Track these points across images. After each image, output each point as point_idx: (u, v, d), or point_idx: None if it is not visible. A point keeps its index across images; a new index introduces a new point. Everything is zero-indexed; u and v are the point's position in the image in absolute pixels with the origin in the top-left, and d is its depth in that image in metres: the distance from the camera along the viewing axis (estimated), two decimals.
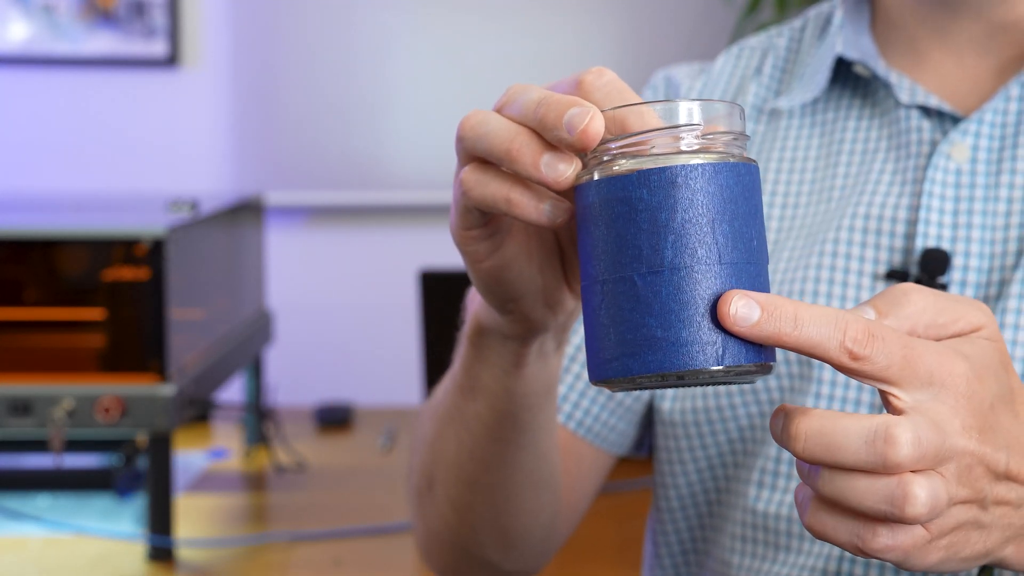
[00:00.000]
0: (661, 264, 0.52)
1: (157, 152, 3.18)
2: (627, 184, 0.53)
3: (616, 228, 0.53)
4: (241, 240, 1.90)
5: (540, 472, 0.80)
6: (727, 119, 0.54)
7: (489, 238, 0.61)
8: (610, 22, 3.21)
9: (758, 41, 0.95)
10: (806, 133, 0.89)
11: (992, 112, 0.82)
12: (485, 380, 0.72)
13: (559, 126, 0.53)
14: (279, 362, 3.02)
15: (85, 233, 1.46)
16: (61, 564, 1.43)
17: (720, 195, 0.52)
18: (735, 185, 0.53)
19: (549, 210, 0.56)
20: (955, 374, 0.54)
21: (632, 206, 0.52)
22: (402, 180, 3.21)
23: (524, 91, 0.57)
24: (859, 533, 0.54)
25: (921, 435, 0.53)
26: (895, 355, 0.53)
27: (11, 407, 1.42)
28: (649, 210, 0.52)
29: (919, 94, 0.83)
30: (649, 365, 0.52)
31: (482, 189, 0.57)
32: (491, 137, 0.56)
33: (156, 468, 1.45)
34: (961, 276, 0.79)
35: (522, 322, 0.66)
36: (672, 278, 0.52)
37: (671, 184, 0.52)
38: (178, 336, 1.47)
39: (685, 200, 0.52)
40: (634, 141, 0.53)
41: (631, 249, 0.52)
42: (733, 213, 0.52)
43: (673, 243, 0.52)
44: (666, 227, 0.52)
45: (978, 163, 0.81)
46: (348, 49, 3.17)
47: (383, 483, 1.77)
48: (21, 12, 3.07)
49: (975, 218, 0.80)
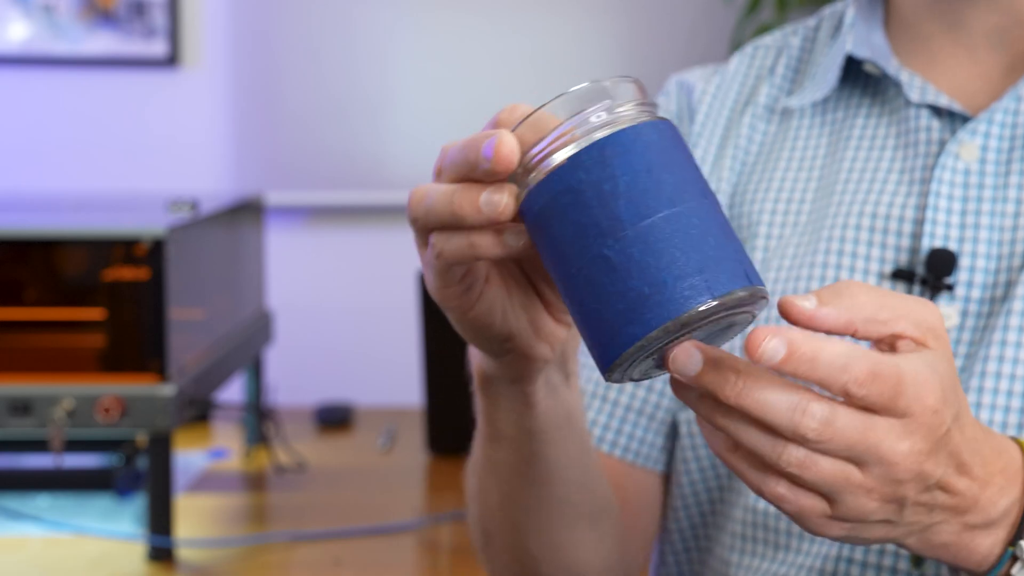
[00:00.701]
0: (623, 228, 0.53)
1: (157, 152, 3.18)
2: (563, 175, 0.55)
3: (570, 217, 0.55)
4: (241, 240, 1.90)
5: (586, 504, 0.81)
6: (628, 91, 0.57)
7: (468, 290, 0.63)
8: (610, 22, 3.21)
9: (773, 40, 0.95)
10: (815, 132, 0.89)
11: (1002, 112, 0.81)
12: (503, 426, 0.74)
13: (480, 159, 0.56)
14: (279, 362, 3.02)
15: (85, 233, 1.46)
16: (61, 564, 1.43)
17: (648, 150, 0.55)
18: (658, 140, 0.55)
19: (509, 239, 0.58)
20: (925, 406, 0.56)
21: (576, 190, 0.54)
22: (402, 180, 3.21)
23: (450, 147, 0.59)
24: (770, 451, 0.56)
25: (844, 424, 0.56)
26: (886, 394, 0.55)
27: (11, 407, 1.42)
28: (592, 187, 0.54)
29: (929, 93, 0.83)
30: (650, 323, 0.53)
31: (449, 247, 0.59)
32: (434, 207, 0.59)
33: (156, 468, 1.45)
34: (968, 277, 0.79)
35: (521, 362, 0.68)
36: (638, 236, 0.53)
37: (601, 156, 0.54)
38: (178, 336, 1.47)
39: (620, 164, 0.54)
40: (552, 139, 0.56)
41: (591, 228, 0.54)
42: (667, 162, 0.55)
43: (625, 206, 0.54)
44: (613, 194, 0.54)
45: (987, 163, 0.81)
46: (348, 49, 3.17)
47: (383, 483, 1.77)
48: (21, 12, 3.06)
49: (983, 218, 0.80)
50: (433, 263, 0.61)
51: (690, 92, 0.95)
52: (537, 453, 0.75)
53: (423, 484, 1.78)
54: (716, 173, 0.91)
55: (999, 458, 0.62)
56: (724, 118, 0.93)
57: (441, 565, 1.46)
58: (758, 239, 0.87)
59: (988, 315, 0.78)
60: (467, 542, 1.52)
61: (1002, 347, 0.76)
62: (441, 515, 1.61)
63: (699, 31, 3.21)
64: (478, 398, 0.75)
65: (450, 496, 1.70)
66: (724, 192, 0.90)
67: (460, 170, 0.58)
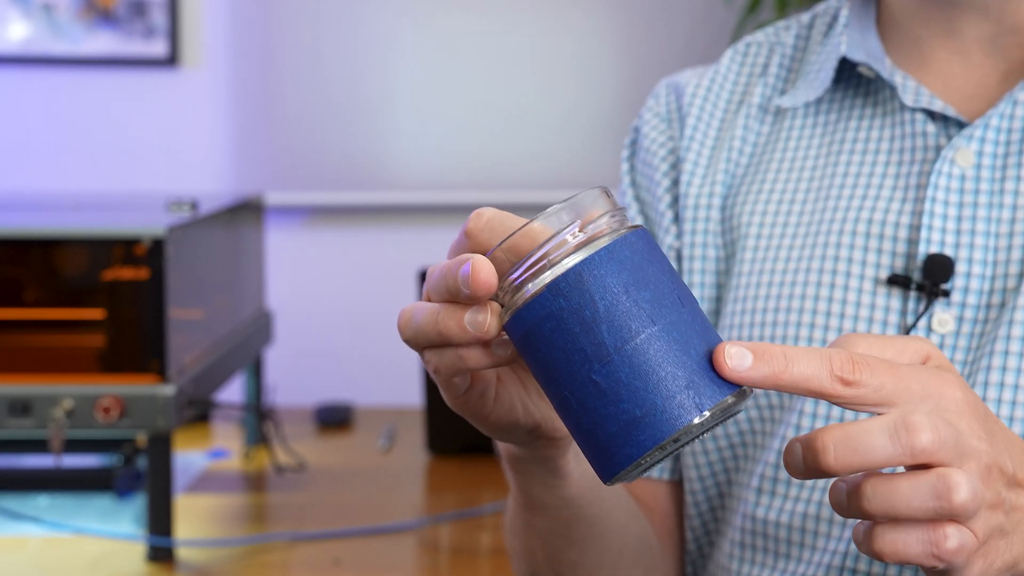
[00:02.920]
0: (608, 353, 0.55)
1: (157, 152, 3.18)
2: (544, 302, 0.55)
3: (555, 343, 0.56)
4: (241, 240, 1.90)
5: (630, 546, 0.83)
6: (597, 203, 0.57)
7: (482, 396, 0.64)
8: (610, 22, 3.20)
9: (765, 36, 0.94)
10: (808, 133, 0.88)
11: (998, 117, 0.80)
12: (540, 496, 0.74)
13: (459, 287, 0.57)
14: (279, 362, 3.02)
15: (85, 233, 1.46)
16: (61, 564, 1.43)
17: (625, 268, 0.55)
18: (633, 254, 0.56)
19: (498, 350, 0.59)
20: (947, 384, 0.56)
21: (558, 318, 0.55)
22: (402, 180, 3.21)
23: (431, 273, 0.60)
24: (930, 539, 0.55)
25: (937, 424, 0.54)
26: (885, 376, 0.54)
27: (11, 407, 1.42)
28: (574, 314, 0.55)
29: (924, 97, 0.82)
30: (644, 444, 0.54)
31: (442, 363, 0.60)
32: (422, 327, 0.60)
33: (156, 468, 1.45)
34: (964, 283, 0.79)
35: (548, 443, 0.68)
36: (623, 360, 0.54)
37: (579, 281, 0.55)
38: (178, 336, 1.47)
39: (599, 289, 0.55)
40: (529, 265, 0.56)
41: (576, 355, 0.55)
42: (644, 278, 0.55)
43: (608, 330, 0.54)
44: (594, 320, 0.55)
45: (983, 169, 0.80)
46: (348, 49, 3.17)
47: (383, 483, 1.76)
48: (21, 12, 3.06)
49: (979, 224, 0.79)
50: (435, 378, 0.63)
51: (680, 95, 0.94)
52: (576, 516, 0.76)
53: (423, 484, 1.78)
54: (710, 177, 0.90)
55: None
56: (717, 119, 0.92)
57: (441, 565, 1.46)
58: (748, 240, 0.87)
59: (985, 322, 0.78)
60: (467, 542, 1.52)
61: (1004, 357, 0.76)
62: (441, 515, 1.61)
63: (699, 31, 3.21)
64: (509, 473, 0.75)
65: (450, 496, 1.70)
66: (717, 195, 0.90)
67: (443, 295, 0.59)
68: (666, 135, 0.93)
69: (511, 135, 3.23)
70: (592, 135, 3.24)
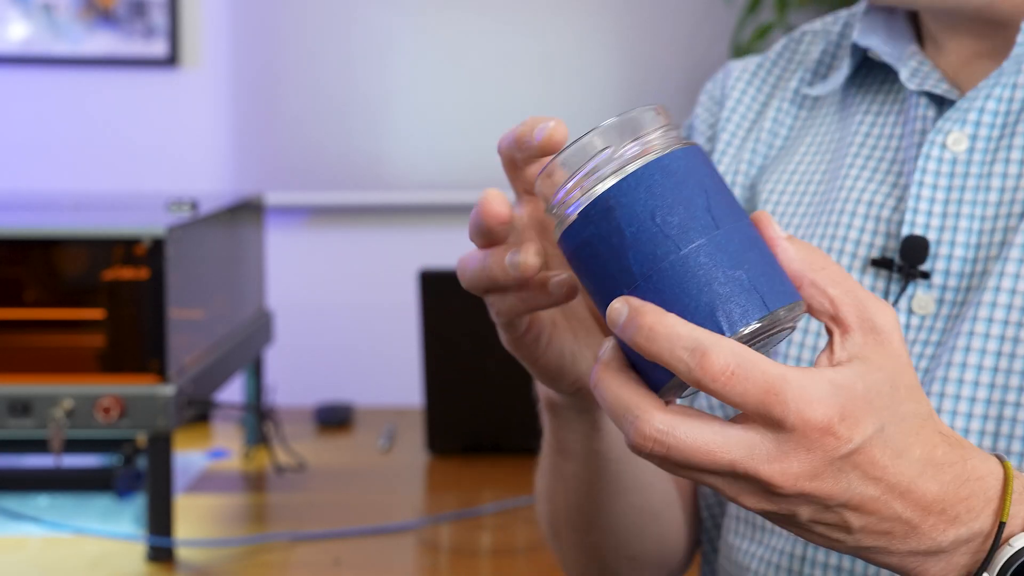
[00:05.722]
0: (634, 280, 0.55)
1: (157, 152, 3.18)
2: (578, 229, 0.56)
3: (591, 268, 0.56)
4: (241, 240, 1.90)
5: (651, 504, 0.84)
6: (646, 121, 0.57)
7: (536, 339, 0.66)
8: (610, 22, 3.20)
9: (821, 24, 0.97)
10: (829, 120, 0.90)
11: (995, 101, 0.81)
12: (571, 444, 0.76)
13: (479, 223, 0.61)
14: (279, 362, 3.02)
15: (85, 233, 1.46)
16: (61, 564, 1.43)
17: (652, 195, 0.55)
18: (662, 180, 0.55)
19: (555, 288, 0.62)
20: (809, 423, 0.53)
21: (590, 243, 0.56)
22: (402, 180, 3.21)
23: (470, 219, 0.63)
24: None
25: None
26: (751, 396, 0.52)
27: (11, 407, 1.42)
28: (603, 241, 0.56)
29: (919, 78, 0.83)
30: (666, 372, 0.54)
31: (503, 306, 0.63)
32: (474, 277, 0.63)
33: (156, 468, 1.45)
34: (945, 266, 0.79)
35: (588, 395, 0.70)
36: (649, 287, 0.54)
37: (606, 208, 0.55)
38: (178, 336, 1.47)
39: (624, 216, 0.55)
40: (564, 192, 0.57)
41: (608, 281, 0.56)
42: (673, 202, 0.55)
43: (634, 257, 0.55)
44: (621, 247, 0.55)
45: (975, 152, 0.81)
46: (348, 49, 3.17)
47: (383, 483, 1.76)
48: (21, 12, 3.06)
49: (964, 208, 0.80)
50: (496, 320, 0.65)
51: (727, 76, 0.96)
52: (604, 468, 0.77)
53: (423, 484, 1.78)
54: (738, 157, 0.92)
55: (963, 486, 0.57)
56: (758, 103, 0.94)
57: (441, 565, 1.46)
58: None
59: (963, 304, 0.79)
60: (467, 542, 1.52)
61: (969, 337, 0.76)
62: (441, 515, 1.61)
63: (699, 31, 3.21)
64: (546, 417, 0.77)
65: (450, 496, 1.70)
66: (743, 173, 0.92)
67: (475, 236, 0.62)
68: (710, 112, 0.97)
69: None
70: None
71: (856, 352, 0.55)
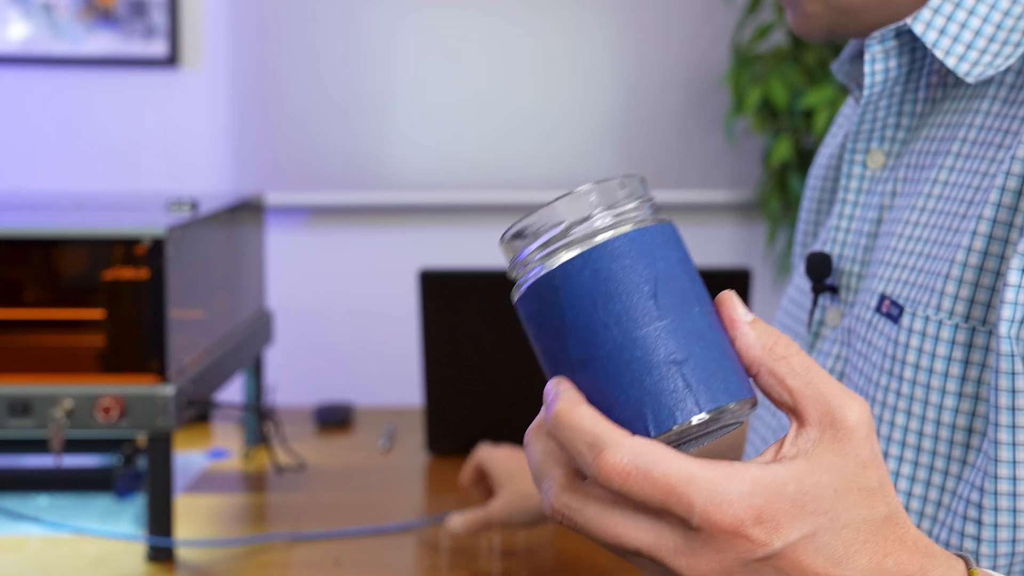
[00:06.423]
0: (571, 366, 0.53)
1: (157, 152, 3.18)
2: (526, 301, 0.55)
3: (537, 340, 0.55)
4: (241, 240, 1.90)
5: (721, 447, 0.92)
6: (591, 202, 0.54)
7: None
8: (611, 22, 3.20)
9: None
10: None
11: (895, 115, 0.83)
12: None
13: None
14: (279, 362, 3.02)
15: (85, 233, 1.46)
16: (61, 564, 1.43)
17: (596, 280, 0.53)
18: (612, 263, 0.53)
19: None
20: (716, 525, 0.51)
21: (536, 320, 0.55)
22: (402, 180, 3.21)
23: None
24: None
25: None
26: (652, 497, 0.51)
27: (11, 407, 1.42)
28: (545, 320, 0.54)
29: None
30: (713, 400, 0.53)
31: None
32: None
33: (156, 468, 1.45)
34: (845, 280, 0.83)
35: None
36: (584, 375, 0.53)
37: (551, 289, 0.54)
38: (178, 336, 1.47)
39: (567, 300, 0.53)
40: (519, 261, 0.55)
41: (550, 358, 0.55)
42: (616, 290, 0.53)
43: (574, 343, 0.53)
44: (562, 331, 0.54)
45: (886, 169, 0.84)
46: (348, 49, 3.16)
47: (383, 483, 1.76)
48: (21, 12, 3.06)
49: (853, 224, 0.83)
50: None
51: None
52: None
53: (423, 484, 1.78)
54: None
55: None
56: None
57: (441, 565, 1.46)
58: None
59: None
60: (467, 542, 1.52)
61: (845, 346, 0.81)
62: (441, 515, 1.61)
63: (699, 31, 3.21)
64: None
65: (450, 496, 1.70)
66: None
67: None
68: None
69: (511, 135, 3.22)
70: (592, 135, 3.23)
71: (806, 449, 0.52)
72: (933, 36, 0.76)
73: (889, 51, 0.79)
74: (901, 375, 0.73)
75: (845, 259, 0.82)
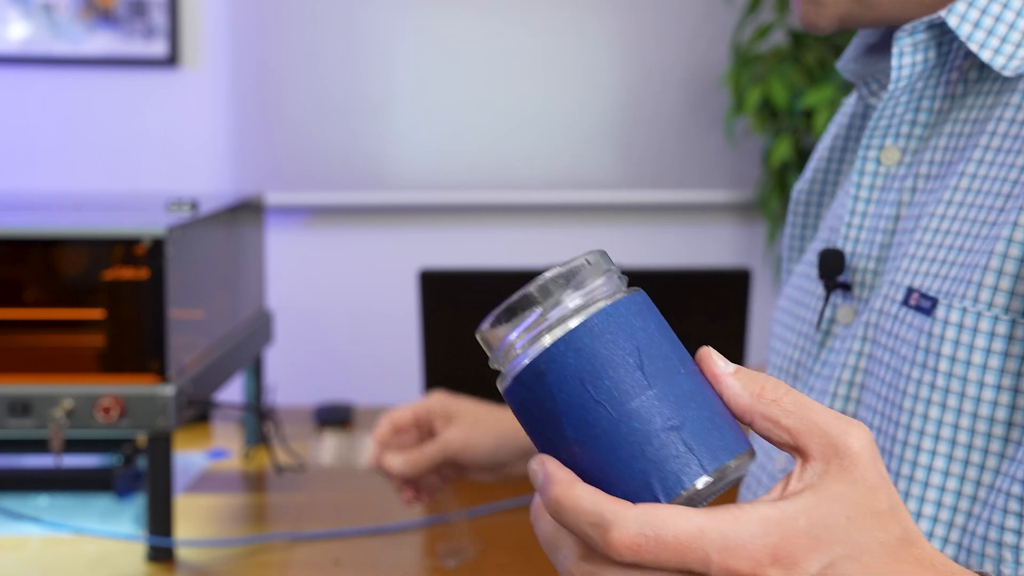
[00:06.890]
0: (569, 445, 0.53)
1: (157, 152, 3.18)
2: (515, 390, 0.55)
3: (530, 426, 0.55)
4: (241, 240, 1.90)
5: None
6: (562, 284, 0.55)
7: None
8: (611, 22, 3.20)
9: None
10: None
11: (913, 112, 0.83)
12: None
13: None
14: (279, 362, 3.02)
15: (85, 233, 1.46)
16: (61, 564, 1.43)
17: (581, 360, 0.53)
18: (593, 342, 0.54)
19: None
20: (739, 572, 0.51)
21: (526, 407, 0.55)
22: (402, 180, 3.21)
23: None
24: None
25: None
26: (668, 563, 0.51)
27: (11, 407, 1.42)
28: (537, 405, 0.54)
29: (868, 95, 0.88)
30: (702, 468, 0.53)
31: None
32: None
33: (156, 468, 1.45)
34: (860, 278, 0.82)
35: None
36: (583, 453, 0.53)
37: (537, 375, 0.54)
38: (178, 336, 1.47)
39: (555, 383, 0.54)
40: (500, 351, 0.55)
41: (547, 442, 0.54)
42: (601, 368, 0.53)
43: (568, 424, 0.53)
44: (555, 413, 0.54)
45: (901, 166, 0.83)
46: (348, 49, 3.16)
47: (383, 483, 1.76)
48: (21, 12, 3.06)
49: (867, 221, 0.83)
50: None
51: None
52: None
53: None
54: None
55: None
56: None
57: (441, 565, 1.46)
58: None
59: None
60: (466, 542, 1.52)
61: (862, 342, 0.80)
62: (441, 515, 1.61)
63: (699, 31, 3.21)
64: None
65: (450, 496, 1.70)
66: None
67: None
68: None
69: (511, 135, 3.23)
70: (592, 135, 3.23)
71: (812, 482, 0.52)
72: (967, 29, 0.76)
73: (918, 44, 0.78)
74: (936, 367, 0.72)
75: (859, 256, 0.81)
